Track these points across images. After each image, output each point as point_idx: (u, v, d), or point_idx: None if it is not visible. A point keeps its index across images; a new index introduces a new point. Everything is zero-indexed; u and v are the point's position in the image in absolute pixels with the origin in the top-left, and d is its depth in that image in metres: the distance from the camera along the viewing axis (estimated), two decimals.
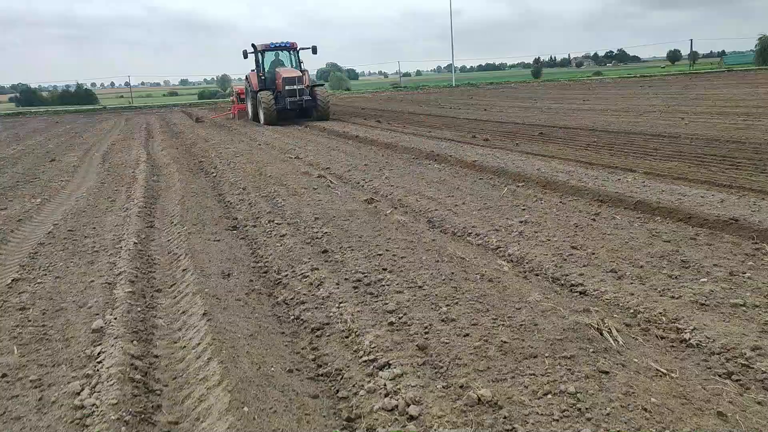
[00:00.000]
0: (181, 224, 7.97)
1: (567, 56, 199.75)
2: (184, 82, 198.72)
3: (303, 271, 5.77)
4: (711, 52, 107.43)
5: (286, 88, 23.18)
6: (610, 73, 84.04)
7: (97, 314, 4.95)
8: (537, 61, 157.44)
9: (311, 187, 10.03)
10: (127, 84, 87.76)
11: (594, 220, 6.90)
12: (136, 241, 7.15)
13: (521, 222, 6.95)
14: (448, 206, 8.11)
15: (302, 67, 25.09)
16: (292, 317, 4.84)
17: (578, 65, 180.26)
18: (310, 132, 20.58)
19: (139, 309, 5.02)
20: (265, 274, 5.97)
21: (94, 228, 8.19)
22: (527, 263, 5.66)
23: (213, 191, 10.71)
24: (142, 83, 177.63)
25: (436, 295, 4.87)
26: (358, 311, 4.67)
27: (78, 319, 4.91)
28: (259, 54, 24.61)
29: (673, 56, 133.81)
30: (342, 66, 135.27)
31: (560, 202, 8.00)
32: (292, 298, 5.20)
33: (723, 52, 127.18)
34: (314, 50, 24.92)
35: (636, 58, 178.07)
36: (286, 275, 5.78)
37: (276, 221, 7.86)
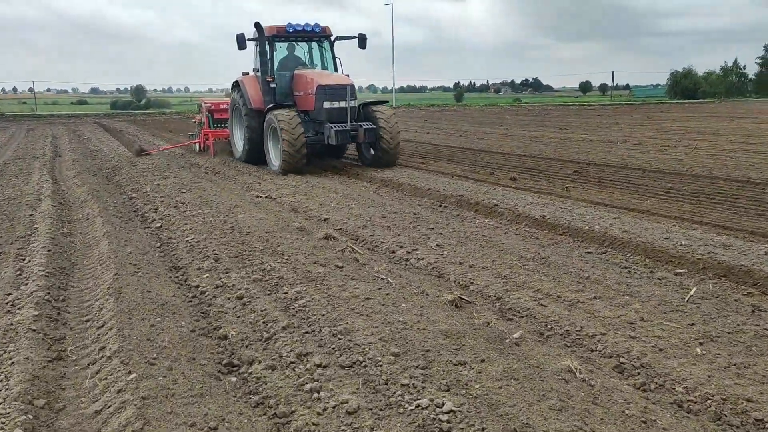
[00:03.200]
0: (120, 357, 4.04)
1: (486, 82, 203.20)
2: (94, 90, 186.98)
3: None
4: (617, 84, 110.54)
5: (326, 106, 12.87)
6: (527, 100, 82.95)
7: None
8: (457, 85, 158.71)
9: (331, 263, 6.25)
10: (31, 90, 79.22)
11: None
12: None
13: None
14: (616, 324, 4.57)
15: (341, 69, 14.56)
16: None
17: (497, 91, 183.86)
18: None
19: None
20: None
21: None
22: None
23: (164, 261, 6.71)
24: (48, 89, 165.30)
25: None
26: None
27: None
28: (267, 43, 13.81)
29: (585, 87, 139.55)
30: None
31: None
32: None
33: (628, 85, 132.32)
34: (362, 42, 14.58)
35: (549, 87, 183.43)
36: None
37: (311, 357, 4.06)
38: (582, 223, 7.64)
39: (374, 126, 13.05)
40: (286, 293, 5.39)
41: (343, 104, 12.92)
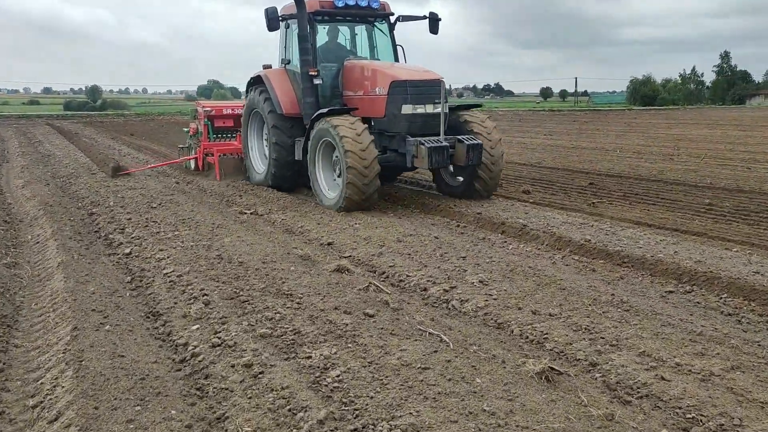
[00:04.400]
0: None
1: (449, 86, 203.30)
2: (47, 90, 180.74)
3: None
4: (575, 91, 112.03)
5: (406, 111, 8.91)
6: (496, 105, 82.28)
7: None
8: None
9: (357, 309, 4.89)
10: None
11: None
12: None
13: None
14: None
15: (404, 60, 10.69)
16: None
17: (459, 96, 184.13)
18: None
19: None
20: None
21: None
22: None
23: (138, 305, 5.24)
24: None
25: None
26: None
27: None
28: (308, 24, 9.62)
29: (546, 93, 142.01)
30: (224, 84, 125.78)
31: None
32: None
33: (586, 92, 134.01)
34: (434, 25, 10.51)
35: (510, 93, 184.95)
36: None
37: None
38: (639, 250, 6.44)
39: (477, 141, 9.05)
40: (309, 358, 4.01)
41: (431, 109, 8.93)
